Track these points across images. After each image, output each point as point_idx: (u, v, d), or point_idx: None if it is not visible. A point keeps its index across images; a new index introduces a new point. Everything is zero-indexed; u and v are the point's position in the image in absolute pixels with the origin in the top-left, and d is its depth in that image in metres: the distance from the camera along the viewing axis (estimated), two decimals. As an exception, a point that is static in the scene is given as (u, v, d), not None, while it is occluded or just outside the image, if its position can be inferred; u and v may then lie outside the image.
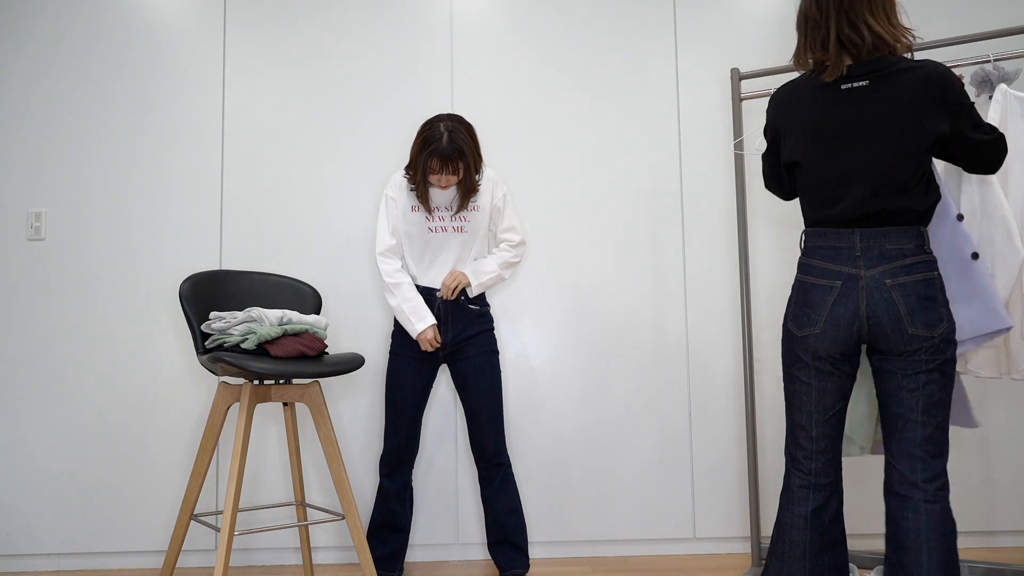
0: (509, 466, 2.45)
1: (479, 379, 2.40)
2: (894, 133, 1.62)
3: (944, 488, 1.60)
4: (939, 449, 1.62)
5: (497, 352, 2.47)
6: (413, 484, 2.59)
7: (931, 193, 1.65)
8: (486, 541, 2.49)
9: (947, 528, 1.58)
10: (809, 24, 1.71)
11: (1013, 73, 2.04)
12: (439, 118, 2.33)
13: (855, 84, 1.67)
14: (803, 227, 2.85)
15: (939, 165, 2.15)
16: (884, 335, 1.61)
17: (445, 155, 2.28)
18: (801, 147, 1.72)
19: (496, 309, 2.81)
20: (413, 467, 2.48)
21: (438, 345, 2.36)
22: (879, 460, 2.76)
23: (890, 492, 1.65)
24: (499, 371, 2.45)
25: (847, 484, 2.76)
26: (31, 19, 2.88)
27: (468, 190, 2.38)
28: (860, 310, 1.62)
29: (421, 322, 2.35)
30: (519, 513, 2.45)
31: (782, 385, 2.79)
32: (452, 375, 2.47)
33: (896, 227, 1.63)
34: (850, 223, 1.65)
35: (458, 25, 2.93)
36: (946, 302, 1.62)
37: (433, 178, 2.34)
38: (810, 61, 1.73)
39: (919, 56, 2.80)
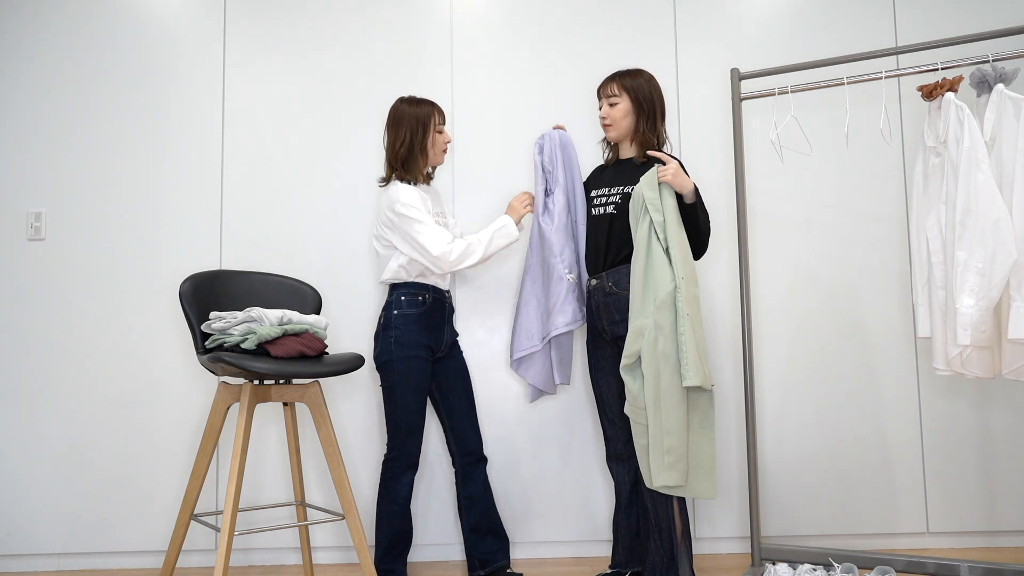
0: (486, 462, 2.49)
1: (463, 378, 2.48)
2: None
3: None
4: None
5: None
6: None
7: None
8: (463, 529, 2.45)
9: None
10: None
11: (1011, 73, 2.04)
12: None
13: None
14: (799, 229, 2.85)
15: (919, 166, 2.15)
16: None
17: (437, 106, 2.44)
18: None
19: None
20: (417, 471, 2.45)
21: (530, 202, 2.47)
22: (877, 460, 2.76)
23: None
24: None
25: (844, 483, 2.76)
26: (30, 20, 2.88)
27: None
28: None
29: (509, 219, 2.43)
30: (495, 505, 2.49)
31: (782, 385, 2.80)
32: (437, 375, 2.43)
33: None
34: None
35: (458, 25, 2.93)
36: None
37: (439, 138, 2.44)
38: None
39: (917, 56, 2.80)
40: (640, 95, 2.32)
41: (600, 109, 2.37)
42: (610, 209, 2.31)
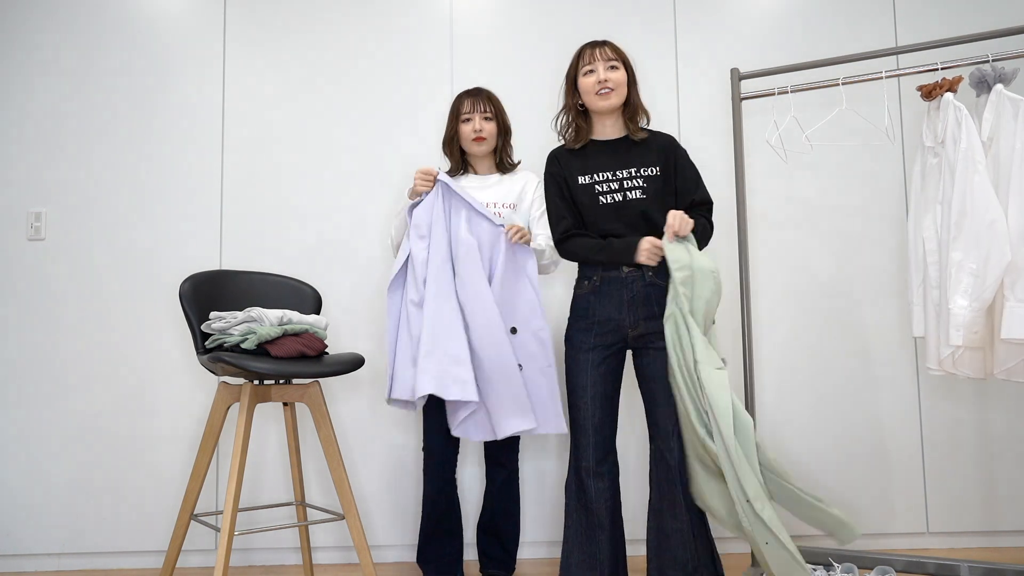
0: (516, 472, 2.44)
1: None
2: None
3: None
4: None
5: None
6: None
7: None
8: (477, 521, 2.47)
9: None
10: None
11: (1011, 73, 2.04)
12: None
13: None
14: (799, 230, 2.85)
15: (917, 166, 2.15)
16: None
17: (472, 92, 2.43)
18: None
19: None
20: (456, 466, 2.41)
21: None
22: (876, 460, 2.76)
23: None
24: None
25: (843, 484, 2.76)
26: (31, 19, 2.89)
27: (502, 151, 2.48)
28: None
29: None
30: (514, 517, 2.44)
31: (781, 385, 2.79)
32: None
33: None
34: None
35: (458, 23, 2.93)
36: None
37: (466, 128, 2.39)
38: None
39: (917, 56, 2.80)
40: (630, 64, 2.19)
41: (594, 73, 2.12)
42: (637, 194, 2.12)
